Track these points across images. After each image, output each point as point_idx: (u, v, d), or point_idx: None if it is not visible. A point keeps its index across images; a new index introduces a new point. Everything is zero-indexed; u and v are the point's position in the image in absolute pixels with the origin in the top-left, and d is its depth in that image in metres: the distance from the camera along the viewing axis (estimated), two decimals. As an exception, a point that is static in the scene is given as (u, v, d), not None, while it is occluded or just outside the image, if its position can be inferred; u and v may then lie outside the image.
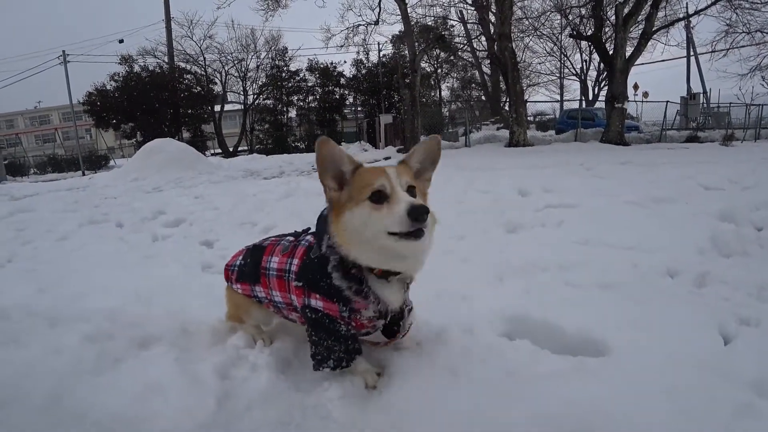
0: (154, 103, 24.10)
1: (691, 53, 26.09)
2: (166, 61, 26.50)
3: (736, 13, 17.22)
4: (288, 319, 1.80)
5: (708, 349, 1.75)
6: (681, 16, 19.95)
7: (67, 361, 1.40)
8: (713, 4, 16.76)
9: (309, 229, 1.81)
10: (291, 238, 1.80)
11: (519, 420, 1.27)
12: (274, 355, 1.61)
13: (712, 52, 19.98)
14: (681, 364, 1.60)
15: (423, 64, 23.84)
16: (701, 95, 24.25)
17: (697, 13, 17.84)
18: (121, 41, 28.31)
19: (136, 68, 25.39)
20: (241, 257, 1.91)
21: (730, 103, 22.94)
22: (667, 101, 20.33)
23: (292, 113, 28.73)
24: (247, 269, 1.81)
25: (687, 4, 20.40)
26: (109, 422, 1.20)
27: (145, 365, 1.44)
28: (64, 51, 25.40)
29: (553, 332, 1.88)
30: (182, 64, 27.09)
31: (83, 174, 20.31)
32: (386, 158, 14.37)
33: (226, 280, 1.92)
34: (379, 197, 1.38)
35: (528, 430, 1.25)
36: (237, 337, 1.68)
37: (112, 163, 26.04)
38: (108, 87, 24.61)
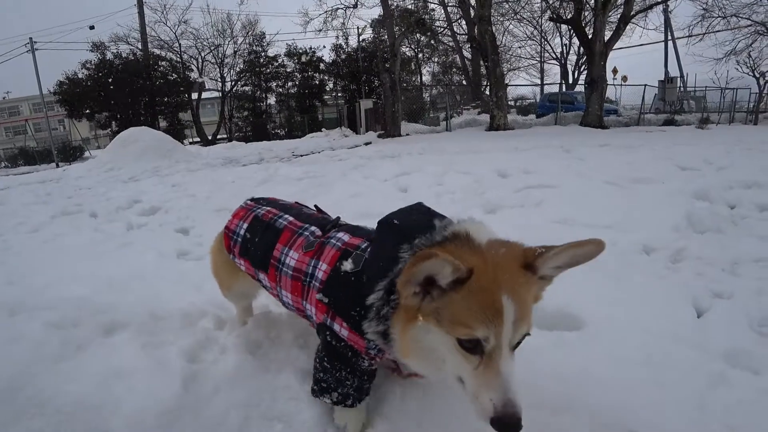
0: (129, 92, 23.46)
1: (669, 37, 26.37)
2: (140, 47, 25.78)
3: (713, -2, 17.44)
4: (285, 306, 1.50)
5: (682, 322, 1.77)
6: (659, 0, 20.10)
7: (28, 349, 1.35)
8: (690, -13, 16.91)
9: (339, 219, 1.50)
10: (316, 230, 1.44)
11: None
12: (244, 336, 1.57)
13: (689, 36, 20.30)
14: (656, 336, 1.62)
15: (403, 49, 23.66)
16: (678, 79, 24.58)
17: (674, -4, 17.98)
18: (92, 27, 27.47)
19: (109, 55, 24.67)
20: (246, 224, 1.56)
21: (706, 86, 23.31)
22: (645, 85, 20.58)
23: (272, 100, 28.31)
24: (254, 250, 1.49)
25: (664, -13, 20.52)
26: (71, 409, 1.16)
27: (110, 351, 1.40)
28: (31, 38, 24.46)
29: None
30: (157, 51, 26.42)
31: (57, 166, 19.76)
32: (366, 143, 14.28)
33: (226, 249, 1.59)
34: (474, 347, 0.98)
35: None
36: (207, 320, 1.64)
37: (87, 154, 25.34)
38: (80, 75, 23.89)
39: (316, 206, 1.68)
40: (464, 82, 30.42)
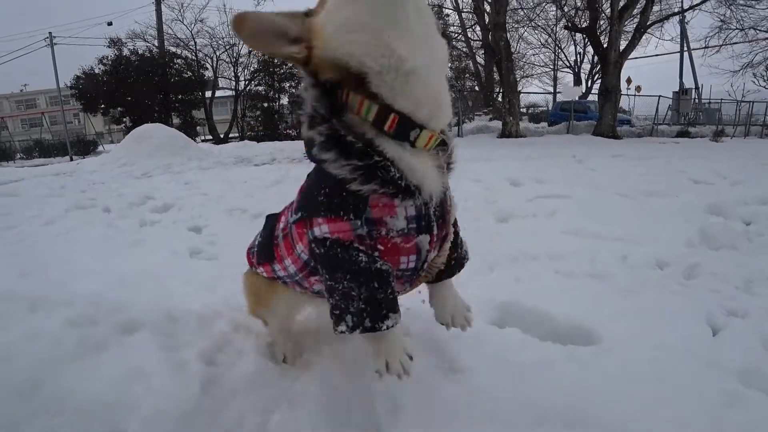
0: (144, 88, 23.71)
1: (685, 48, 26.19)
2: (156, 45, 26.06)
3: (731, 10, 17.33)
4: (316, 293, 1.33)
5: (697, 340, 1.76)
6: (676, 10, 19.97)
7: (48, 346, 1.37)
8: (708, -1, 16.80)
9: None
10: None
11: (508, 406, 1.27)
12: (261, 338, 1.58)
13: (705, 47, 20.14)
14: (671, 353, 1.61)
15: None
16: (693, 90, 24.38)
17: (692, 8, 17.90)
18: (109, 24, 27.91)
19: (126, 52, 24.97)
20: (260, 237, 1.45)
21: (722, 99, 23.11)
22: (660, 96, 20.47)
23: (284, 100, 28.46)
24: (263, 244, 1.38)
25: (682, -2, 20.41)
26: (89, 408, 1.18)
27: (128, 351, 1.41)
28: (50, 33, 24.91)
29: (543, 321, 1.88)
30: (173, 49, 26.69)
31: (71, 159, 20.00)
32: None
33: (249, 265, 1.52)
34: None
35: (517, 416, 1.25)
36: (223, 322, 1.65)
37: (100, 148, 25.64)
38: (96, 71, 24.15)
39: None
40: (477, 88, 30.38)
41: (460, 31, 26.20)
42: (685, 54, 26.35)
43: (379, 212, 0.99)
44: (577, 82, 32.93)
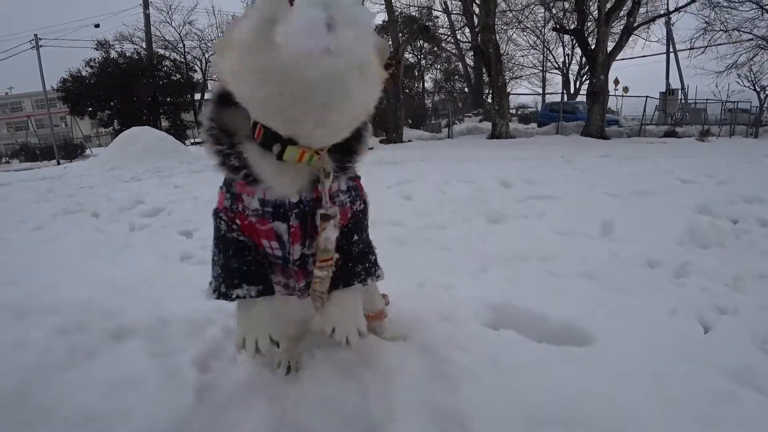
0: (132, 91, 23.49)
1: (671, 50, 26.53)
2: (144, 47, 25.84)
3: (715, 12, 17.66)
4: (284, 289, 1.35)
5: (689, 339, 1.77)
6: (662, 12, 20.24)
7: (35, 355, 1.33)
8: (693, 1, 17.11)
9: None
10: None
11: (504, 408, 1.26)
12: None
13: (690, 49, 20.44)
14: (664, 352, 1.62)
15: (406, 55, 23.71)
16: (680, 91, 24.69)
17: (677, 9, 18.18)
18: (96, 26, 27.68)
19: (113, 54, 24.71)
20: None
21: (707, 99, 23.43)
22: (647, 96, 20.70)
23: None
24: None
25: (668, 0, 20.68)
26: (80, 419, 1.15)
27: (119, 358, 1.39)
28: (36, 35, 24.54)
29: (537, 322, 1.88)
30: (161, 51, 26.49)
31: (58, 163, 19.76)
32: (369, 148, 14.26)
33: None
34: None
35: (513, 418, 1.25)
36: (215, 328, 1.63)
37: (88, 152, 25.35)
38: (83, 73, 23.88)
39: None
40: (466, 90, 30.52)
41: (449, 33, 26.30)
42: (672, 55, 26.74)
43: (241, 189, 1.10)
44: (566, 83, 33.19)
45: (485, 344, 1.58)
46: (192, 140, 26.96)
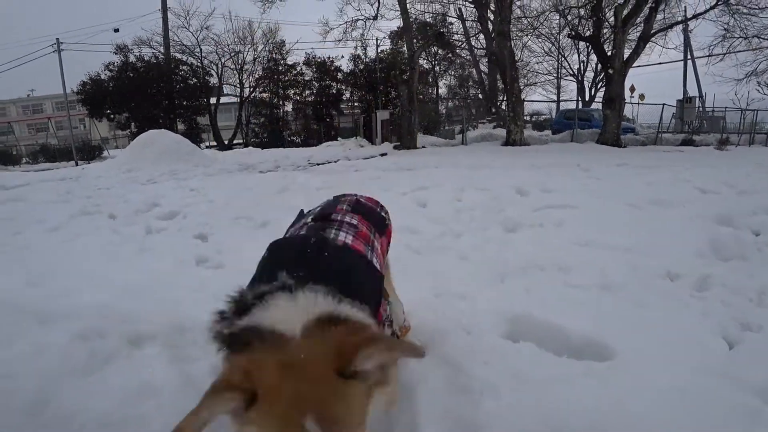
0: (150, 94, 23.84)
1: (689, 57, 26.18)
2: (162, 51, 26.22)
3: (734, 18, 17.29)
4: None
5: (713, 354, 1.73)
6: (679, 19, 19.98)
7: (56, 361, 1.34)
8: (712, 8, 16.79)
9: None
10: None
11: (525, 423, 1.24)
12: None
13: (708, 56, 20.07)
14: (688, 368, 1.58)
15: (421, 61, 23.76)
16: (697, 99, 24.33)
17: (695, 16, 17.87)
18: (116, 30, 27.84)
19: (132, 58, 25.11)
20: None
21: (726, 107, 23.04)
22: (664, 104, 20.40)
23: (288, 107, 28.54)
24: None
25: (686, 7, 20.39)
26: (97, 425, 1.15)
27: (137, 365, 1.39)
28: (57, 39, 24.97)
29: (557, 335, 1.85)
30: (178, 55, 26.84)
31: (76, 164, 20.08)
32: (382, 154, 14.31)
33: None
34: None
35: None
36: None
37: (105, 153, 25.72)
38: (102, 76, 24.30)
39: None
40: (480, 96, 30.44)
41: (464, 39, 26.28)
42: (689, 62, 26.36)
43: None
44: (581, 90, 32.94)
45: (505, 357, 1.56)
46: (207, 143, 27.29)
